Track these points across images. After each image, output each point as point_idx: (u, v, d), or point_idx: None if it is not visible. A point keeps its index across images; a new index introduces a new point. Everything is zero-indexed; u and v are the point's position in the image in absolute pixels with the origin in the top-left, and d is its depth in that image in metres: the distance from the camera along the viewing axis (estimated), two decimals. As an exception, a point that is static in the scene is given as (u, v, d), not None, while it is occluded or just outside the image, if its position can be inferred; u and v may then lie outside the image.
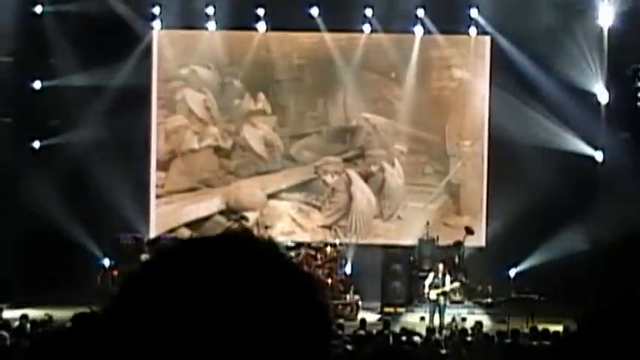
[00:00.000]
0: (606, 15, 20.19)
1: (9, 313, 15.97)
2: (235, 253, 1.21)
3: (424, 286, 18.07)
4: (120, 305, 1.19)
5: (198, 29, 21.65)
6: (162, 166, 22.07)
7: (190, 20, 21.45)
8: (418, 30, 21.53)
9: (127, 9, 20.89)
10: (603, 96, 20.38)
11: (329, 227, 21.05)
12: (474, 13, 21.16)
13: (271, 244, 1.26)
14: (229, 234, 1.26)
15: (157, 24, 21.59)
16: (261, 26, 21.72)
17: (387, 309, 19.50)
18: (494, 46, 21.22)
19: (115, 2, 20.67)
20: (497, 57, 21.01)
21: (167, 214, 21.87)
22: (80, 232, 19.79)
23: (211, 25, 21.59)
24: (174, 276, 1.17)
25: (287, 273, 1.22)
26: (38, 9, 20.92)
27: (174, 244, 1.24)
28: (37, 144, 21.16)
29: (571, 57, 20.06)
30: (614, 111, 20.15)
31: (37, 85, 21.10)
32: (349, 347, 11.70)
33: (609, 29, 20.17)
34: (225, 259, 1.19)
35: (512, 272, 20.36)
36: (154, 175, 22.01)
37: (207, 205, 21.90)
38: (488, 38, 21.43)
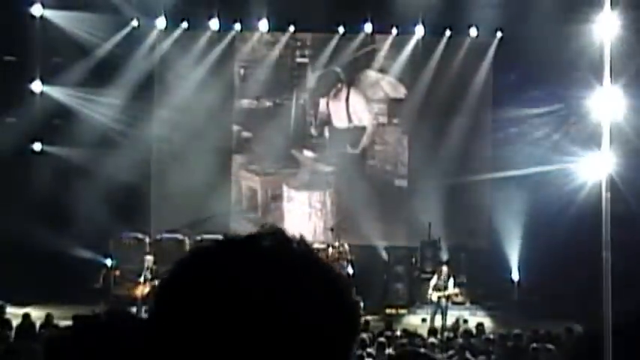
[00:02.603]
0: (610, 20, 20.18)
1: (11, 312, 15.95)
2: (273, 253, 1.22)
3: (428, 287, 18.03)
4: (163, 308, 1.21)
5: (201, 29, 21.64)
6: (165, 165, 22.02)
7: (193, 20, 21.45)
8: (420, 30, 21.54)
9: (129, 8, 20.91)
10: (606, 99, 20.35)
11: (331, 228, 21.00)
12: (477, 14, 21.17)
13: (305, 243, 1.26)
14: (264, 233, 1.26)
15: (160, 23, 21.57)
16: (264, 26, 21.73)
17: (388, 310, 19.48)
18: (498, 48, 21.22)
19: (119, 1, 20.69)
20: (501, 59, 21.00)
21: (169, 214, 21.81)
22: (81, 232, 19.76)
23: (214, 24, 21.59)
24: (215, 277, 1.18)
25: (324, 273, 1.23)
26: (40, 10, 20.75)
27: (210, 244, 1.25)
28: (38, 145, 21.02)
29: (574, 59, 20.03)
30: (617, 114, 20.11)
31: (39, 86, 20.97)
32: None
33: (612, 34, 20.14)
34: (263, 260, 1.20)
35: (516, 274, 20.35)
36: (156, 175, 21.98)
37: (209, 205, 21.86)
38: (491, 40, 21.43)
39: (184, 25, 21.66)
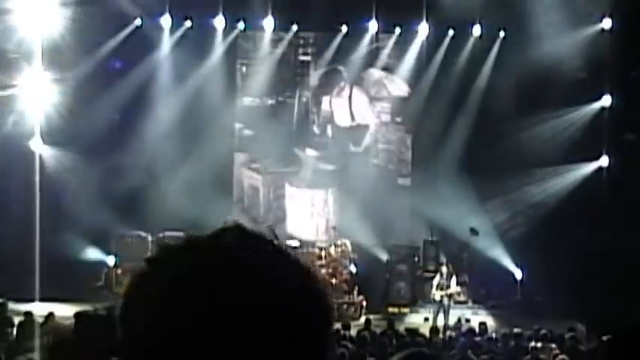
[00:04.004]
0: (609, 17, 20.22)
1: (13, 310, 15.95)
2: (231, 249, 1.20)
3: (431, 286, 18.01)
4: (127, 302, 1.22)
5: (205, 27, 21.62)
6: (167, 163, 21.95)
7: (197, 18, 21.44)
8: (423, 28, 21.52)
9: (135, 7, 20.91)
10: (607, 98, 20.38)
11: (333, 227, 20.97)
12: (478, 13, 21.17)
13: (264, 237, 1.25)
14: (225, 230, 1.25)
15: (165, 22, 21.55)
16: (268, 24, 21.70)
17: (391, 309, 19.46)
18: (498, 47, 21.20)
19: (123, 1, 20.69)
20: (502, 57, 20.98)
21: (171, 212, 21.75)
22: (83, 230, 19.75)
23: (218, 22, 21.58)
24: (175, 273, 1.19)
25: (283, 267, 1.21)
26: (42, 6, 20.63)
27: (172, 243, 1.26)
28: (37, 144, 20.87)
29: (574, 59, 20.02)
30: (618, 113, 20.11)
31: (39, 84, 20.80)
32: (353, 347, 11.68)
33: (612, 31, 20.16)
34: (222, 257, 1.19)
35: (518, 274, 20.32)
36: (159, 173, 21.92)
37: (210, 204, 21.79)
38: (492, 39, 21.39)
39: (188, 23, 21.63)
